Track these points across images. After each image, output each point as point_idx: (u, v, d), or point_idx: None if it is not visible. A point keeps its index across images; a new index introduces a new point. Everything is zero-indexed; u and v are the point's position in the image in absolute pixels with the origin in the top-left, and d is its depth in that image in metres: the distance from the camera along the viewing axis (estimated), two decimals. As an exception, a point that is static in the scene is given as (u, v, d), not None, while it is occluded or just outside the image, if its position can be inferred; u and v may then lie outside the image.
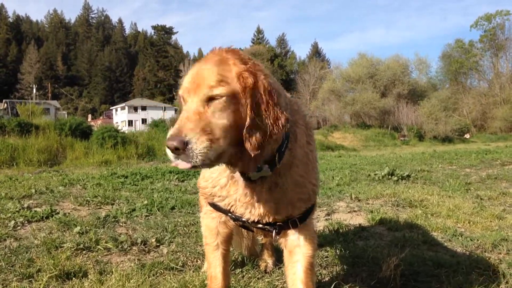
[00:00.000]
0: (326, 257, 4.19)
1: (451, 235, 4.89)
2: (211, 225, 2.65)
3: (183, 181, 9.28)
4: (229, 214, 2.52)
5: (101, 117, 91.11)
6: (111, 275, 3.30)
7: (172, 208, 6.20)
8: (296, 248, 2.56)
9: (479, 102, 66.29)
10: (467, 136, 62.03)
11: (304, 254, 2.56)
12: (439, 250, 4.46)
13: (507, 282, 3.71)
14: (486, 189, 8.27)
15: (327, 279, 3.66)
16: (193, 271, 3.58)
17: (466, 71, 69.51)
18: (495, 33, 64.29)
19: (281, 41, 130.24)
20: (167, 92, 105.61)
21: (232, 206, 2.46)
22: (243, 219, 2.47)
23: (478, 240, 4.69)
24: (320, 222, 5.63)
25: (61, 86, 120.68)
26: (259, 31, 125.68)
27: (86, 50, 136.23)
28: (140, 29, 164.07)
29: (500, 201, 7.15)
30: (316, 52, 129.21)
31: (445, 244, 4.67)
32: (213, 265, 2.66)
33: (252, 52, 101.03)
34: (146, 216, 5.69)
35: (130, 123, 77.97)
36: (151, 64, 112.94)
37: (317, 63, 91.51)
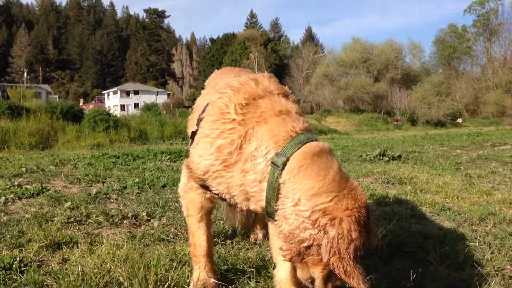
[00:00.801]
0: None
1: (439, 209, 4.95)
2: (195, 200, 2.68)
3: (175, 161, 9.30)
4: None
5: (93, 102, 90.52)
6: (101, 245, 3.32)
7: (164, 186, 6.22)
8: None
9: (471, 87, 66.49)
10: (459, 120, 62.40)
11: None
12: (427, 224, 4.52)
13: (492, 253, 3.77)
14: (475, 168, 8.35)
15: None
16: (183, 242, 3.61)
17: (459, 56, 69.59)
18: (488, 18, 64.25)
19: (275, 25, 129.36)
20: (160, 77, 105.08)
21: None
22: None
23: (465, 214, 4.76)
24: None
25: (52, 70, 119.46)
26: (252, 16, 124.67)
27: (77, 34, 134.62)
28: (132, 13, 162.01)
29: (489, 179, 7.24)
30: (309, 37, 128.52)
31: (433, 218, 4.73)
32: (197, 235, 2.74)
33: (245, 36, 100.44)
34: (137, 193, 5.70)
35: (122, 107, 77.57)
36: (143, 48, 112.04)
37: (311, 48, 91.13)
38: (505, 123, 53.77)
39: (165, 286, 2.41)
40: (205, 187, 2.57)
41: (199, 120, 2.62)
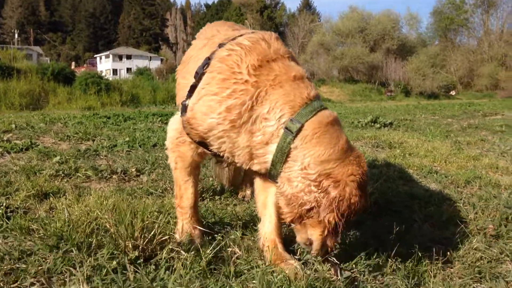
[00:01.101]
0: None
1: (426, 172, 5.01)
2: (186, 154, 2.67)
3: (166, 123, 9.23)
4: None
5: (85, 65, 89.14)
6: (89, 196, 3.33)
7: (154, 145, 6.22)
8: None
9: (467, 59, 66.22)
10: (453, 93, 62.40)
11: None
12: (414, 185, 4.57)
13: (476, 213, 3.84)
14: (465, 136, 8.42)
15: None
16: (171, 196, 3.63)
17: (456, 27, 68.99)
18: (487, -10, 63.35)
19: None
20: (153, 42, 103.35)
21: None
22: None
23: (452, 177, 4.82)
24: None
25: (44, 32, 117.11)
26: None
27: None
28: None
29: (478, 146, 7.31)
30: (306, 5, 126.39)
31: (420, 180, 4.79)
32: (184, 187, 2.76)
33: (241, 2, 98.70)
34: (127, 151, 5.70)
35: (114, 72, 76.60)
36: (136, 12, 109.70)
37: (307, 16, 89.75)
38: (498, 96, 53.90)
39: (151, 233, 2.43)
40: (201, 143, 2.56)
41: (198, 74, 2.56)
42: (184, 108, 2.58)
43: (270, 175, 2.47)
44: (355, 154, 2.41)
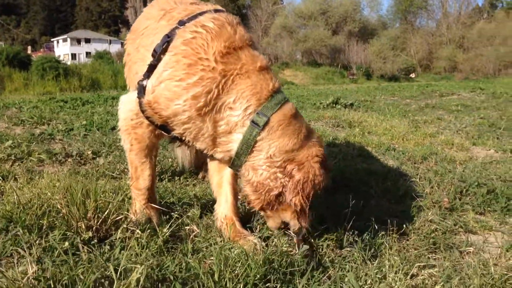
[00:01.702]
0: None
1: (384, 149, 5.10)
2: (144, 136, 2.59)
3: (126, 106, 9.04)
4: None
5: (41, 50, 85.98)
6: (42, 179, 3.21)
7: (113, 128, 6.06)
8: None
9: (426, 42, 67.68)
10: (412, 75, 63.75)
11: None
12: (372, 162, 4.65)
13: (432, 187, 3.95)
14: (423, 115, 8.62)
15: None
16: (129, 178, 3.55)
17: (416, 10, 70.24)
18: (445, -28, 64.69)
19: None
20: (112, 24, 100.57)
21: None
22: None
23: (409, 154, 4.93)
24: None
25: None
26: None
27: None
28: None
29: (434, 124, 7.50)
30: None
31: (379, 157, 4.88)
32: (141, 169, 2.68)
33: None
34: (84, 134, 5.53)
35: (73, 56, 74.23)
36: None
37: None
38: (456, 78, 55.48)
39: (105, 213, 2.37)
40: (161, 126, 2.50)
41: (157, 53, 2.45)
42: (142, 89, 2.48)
43: (233, 165, 2.49)
44: (316, 136, 2.50)
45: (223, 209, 2.74)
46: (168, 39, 2.45)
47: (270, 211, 2.45)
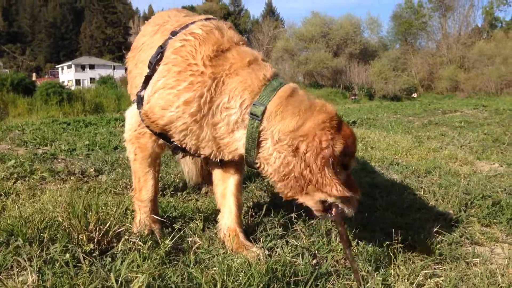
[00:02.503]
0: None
1: (388, 164, 5.08)
2: (147, 145, 2.62)
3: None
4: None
5: (46, 76, 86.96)
6: (43, 195, 3.21)
7: (115, 148, 6.06)
8: (230, 169, 2.77)
9: (426, 62, 68.03)
10: (414, 95, 63.84)
11: (236, 172, 2.79)
12: (376, 176, 4.63)
13: (436, 200, 3.91)
14: (426, 131, 8.60)
15: (263, 200, 3.74)
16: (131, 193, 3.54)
17: (415, 31, 70.87)
18: (444, -6, 65.43)
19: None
20: (116, 50, 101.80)
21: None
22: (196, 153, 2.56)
23: (413, 168, 4.90)
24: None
25: (2, 44, 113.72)
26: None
27: (29, 5, 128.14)
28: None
29: (438, 139, 7.47)
30: (270, 11, 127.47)
31: (382, 171, 4.85)
32: (144, 180, 2.70)
33: (204, 9, 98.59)
34: (87, 154, 5.53)
35: (77, 82, 74.91)
36: (98, 21, 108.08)
37: (271, 22, 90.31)
38: (458, 98, 55.56)
39: (107, 225, 2.35)
40: (161, 135, 2.53)
41: (152, 64, 2.51)
42: (140, 100, 2.54)
43: (248, 163, 2.46)
44: (320, 104, 2.40)
45: (227, 220, 2.73)
46: (161, 50, 2.52)
47: (304, 196, 2.33)
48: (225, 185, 2.80)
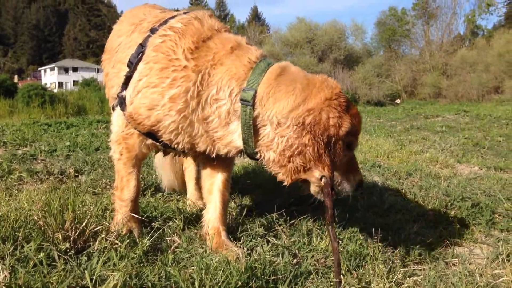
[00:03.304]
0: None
1: (370, 166, 5.11)
2: (134, 146, 2.56)
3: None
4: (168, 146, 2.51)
5: (28, 78, 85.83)
6: (20, 194, 3.14)
7: (97, 149, 6.00)
8: (219, 165, 2.71)
9: (410, 69, 68.74)
10: (398, 101, 64.45)
11: (225, 168, 2.74)
12: (358, 178, 4.64)
13: (416, 201, 3.94)
14: (408, 135, 8.69)
15: (245, 201, 3.72)
16: (111, 193, 3.49)
17: (399, 38, 71.57)
18: (427, 1, 66.27)
19: (220, 3, 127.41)
20: (100, 53, 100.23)
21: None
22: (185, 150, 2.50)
23: (394, 170, 4.93)
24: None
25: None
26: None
27: (11, 7, 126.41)
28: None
29: (419, 143, 7.55)
30: (255, 16, 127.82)
31: (364, 173, 4.87)
32: (127, 179, 2.64)
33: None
34: (67, 155, 5.45)
35: (60, 85, 74.10)
36: (82, 23, 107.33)
37: (257, 27, 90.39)
38: (441, 104, 56.24)
39: (83, 224, 2.30)
40: (150, 134, 2.46)
41: (133, 64, 2.45)
42: (122, 101, 2.48)
43: (248, 154, 2.37)
44: (320, 79, 2.31)
45: (211, 216, 2.67)
46: (142, 49, 2.45)
47: (306, 173, 2.23)
48: (212, 181, 2.74)
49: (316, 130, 2.12)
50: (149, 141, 2.53)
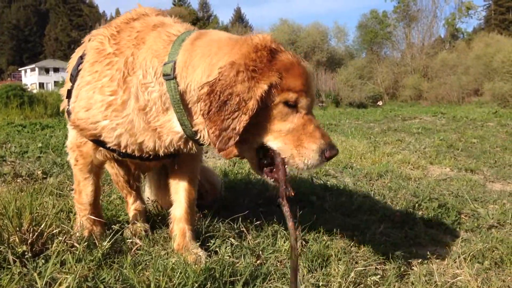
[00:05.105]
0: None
1: (342, 167, 5.15)
2: (89, 153, 2.45)
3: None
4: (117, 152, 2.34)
5: (8, 79, 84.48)
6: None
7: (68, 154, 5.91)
8: (184, 164, 2.62)
9: (391, 71, 69.48)
10: (380, 103, 65.11)
11: (190, 167, 2.66)
12: (329, 179, 4.67)
13: (385, 202, 3.99)
14: (384, 137, 8.78)
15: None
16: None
17: (381, 41, 72.38)
18: (408, 4, 67.19)
19: (204, 4, 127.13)
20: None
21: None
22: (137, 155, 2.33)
23: (366, 171, 4.98)
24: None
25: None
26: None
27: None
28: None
29: (394, 145, 7.64)
30: (239, 18, 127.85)
31: (336, 174, 4.92)
32: (83, 184, 2.56)
33: (173, 14, 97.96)
34: (38, 157, 5.37)
35: (41, 85, 73.13)
36: (63, 24, 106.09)
37: (240, 29, 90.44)
38: (421, 106, 56.94)
39: (41, 226, 2.27)
40: (99, 142, 2.34)
41: (73, 76, 2.37)
42: (69, 113, 2.39)
43: (191, 138, 2.14)
44: (246, 37, 2.08)
45: (177, 214, 2.59)
46: (81, 60, 2.37)
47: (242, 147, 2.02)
48: (177, 180, 2.65)
49: (217, 89, 1.88)
50: (103, 150, 2.41)
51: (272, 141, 1.99)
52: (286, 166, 2.02)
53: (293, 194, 1.98)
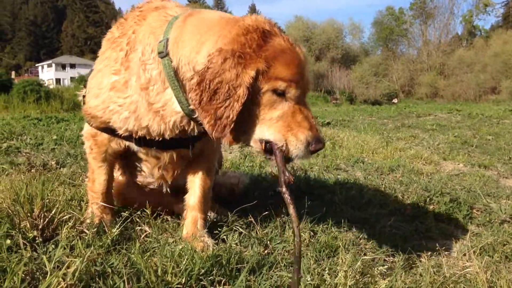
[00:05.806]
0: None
1: (354, 162, 5.13)
2: (103, 142, 2.49)
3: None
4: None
5: (26, 75, 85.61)
6: (-3, 185, 3.15)
7: (83, 143, 5.98)
8: (200, 155, 2.62)
9: (407, 68, 68.89)
10: (395, 101, 64.61)
11: (205, 156, 2.66)
12: (340, 173, 4.66)
13: (396, 196, 3.97)
14: (397, 133, 8.72)
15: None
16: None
17: (396, 38, 71.76)
18: (424, 1, 66.53)
19: (219, 1, 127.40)
20: (98, 50, 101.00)
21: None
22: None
23: (377, 165, 4.95)
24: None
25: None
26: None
27: (9, 3, 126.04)
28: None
29: (407, 141, 7.58)
30: (253, 14, 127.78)
31: (347, 168, 4.90)
32: (98, 173, 2.60)
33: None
34: (53, 148, 5.45)
35: (58, 81, 73.98)
36: (80, 20, 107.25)
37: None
38: (437, 104, 56.35)
39: (53, 211, 2.32)
40: (110, 131, 2.39)
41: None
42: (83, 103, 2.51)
43: (190, 116, 2.12)
44: (238, 17, 2.07)
45: (191, 203, 2.63)
46: None
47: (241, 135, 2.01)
48: (193, 169, 2.67)
49: (207, 78, 1.86)
50: (117, 139, 2.44)
51: (267, 130, 1.96)
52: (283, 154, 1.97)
53: (292, 180, 1.93)
